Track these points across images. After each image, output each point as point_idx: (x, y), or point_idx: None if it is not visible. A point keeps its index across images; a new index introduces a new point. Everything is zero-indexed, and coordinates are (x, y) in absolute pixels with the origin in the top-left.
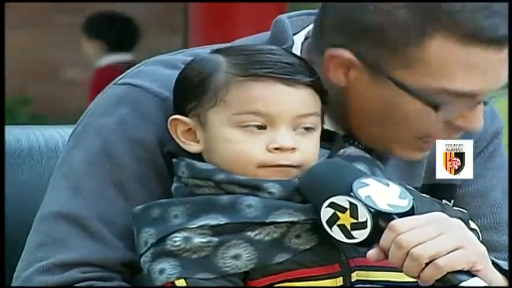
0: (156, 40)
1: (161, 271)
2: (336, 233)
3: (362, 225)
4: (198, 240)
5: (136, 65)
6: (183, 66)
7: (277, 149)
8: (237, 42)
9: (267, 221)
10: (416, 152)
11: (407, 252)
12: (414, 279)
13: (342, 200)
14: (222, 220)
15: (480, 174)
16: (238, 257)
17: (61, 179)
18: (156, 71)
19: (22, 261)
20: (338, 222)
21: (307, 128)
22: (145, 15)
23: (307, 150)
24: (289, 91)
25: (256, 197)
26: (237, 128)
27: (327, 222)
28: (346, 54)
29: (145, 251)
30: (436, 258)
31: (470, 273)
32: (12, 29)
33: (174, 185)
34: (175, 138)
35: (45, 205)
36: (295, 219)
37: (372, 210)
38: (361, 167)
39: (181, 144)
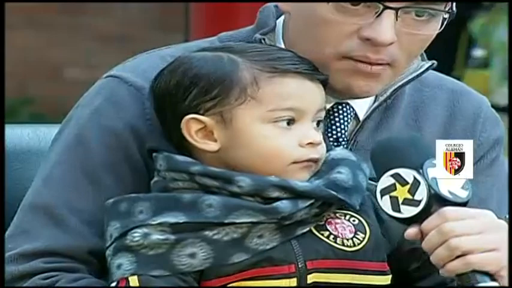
0: (156, 40)
1: (119, 266)
2: (384, 203)
3: (414, 203)
4: (156, 237)
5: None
6: (170, 58)
7: (309, 143)
8: (223, 35)
9: (226, 221)
10: (351, 76)
11: (445, 241)
12: (373, 282)
13: (408, 174)
14: (181, 218)
15: (480, 181)
16: (193, 255)
17: (40, 170)
18: (139, 63)
19: None
20: (392, 194)
21: (318, 122)
22: (146, 15)
23: (323, 143)
24: (314, 86)
25: (221, 194)
26: (269, 124)
27: (381, 190)
28: None
29: (110, 245)
30: (468, 254)
31: (492, 277)
32: (14, 29)
33: (154, 179)
34: (189, 138)
35: (25, 197)
36: (254, 219)
37: (432, 191)
38: (343, 170)
39: (195, 144)
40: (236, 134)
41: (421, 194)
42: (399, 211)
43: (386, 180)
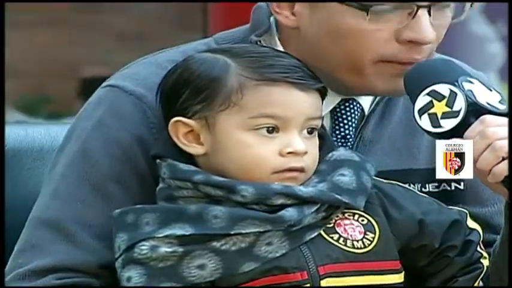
0: (174, 39)
1: (129, 279)
2: (423, 121)
3: (454, 114)
4: (163, 249)
5: (123, 68)
6: (168, 64)
7: (290, 153)
8: (219, 36)
9: (232, 232)
10: (384, 81)
11: (490, 144)
12: (386, 281)
13: (443, 88)
14: (188, 230)
15: None
16: (203, 267)
17: (45, 184)
18: (136, 71)
19: (6, 267)
20: (430, 111)
21: (311, 131)
22: (164, 14)
23: (314, 153)
24: (303, 96)
25: (225, 205)
26: (250, 132)
27: (419, 110)
28: None
29: (118, 257)
30: None
31: None
32: (33, 28)
33: (159, 186)
34: (176, 140)
35: (32, 210)
36: (261, 229)
37: (469, 100)
38: (346, 172)
39: (183, 146)
40: (218, 140)
41: (459, 104)
42: (439, 126)
43: (422, 99)
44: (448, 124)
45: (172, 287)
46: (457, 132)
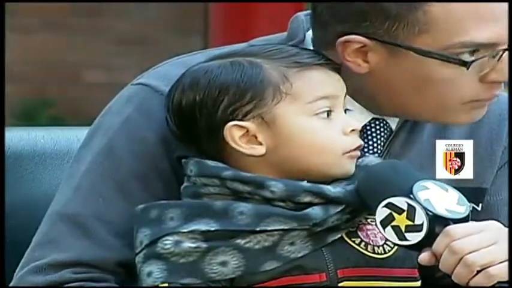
0: (175, 42)
1: (149, 274)
2: (389, 233)
3: (417, 228)
4: (187, 245)
5: (155, 66)
6: None
7: (352, 131)
8: (255, 41)
9: (257, 229)
10: (467, 115)
11: (460, 259)
12: None
13: (400, 202)
14: (213, 226)
15: (506, 182)
16: (225, 263)
17: (67, 179)
18: (169, 71)
19: (22, 260)
20: (393, 223)
21: (345, 110)
22: (165, 17)
23: None
24: (335, 75)
25: (251, 202)
26: (313, 117)
27: (381, 222)
28: (358, 38)
29: (139, 252)
30: (488, 267)
31: None
32: (33, 31)
33: (184, 184)
34: (234, 145)
35: (52, 205)
36: (286, 226)
37: (429, 213)
38: None
39: (242, 150)
40: (283, 132)
41: (420, 218)
42: (405, 239)
43: (382, 211)
44: (414, 238)
45: (191, 283)
46: (426, 243)
